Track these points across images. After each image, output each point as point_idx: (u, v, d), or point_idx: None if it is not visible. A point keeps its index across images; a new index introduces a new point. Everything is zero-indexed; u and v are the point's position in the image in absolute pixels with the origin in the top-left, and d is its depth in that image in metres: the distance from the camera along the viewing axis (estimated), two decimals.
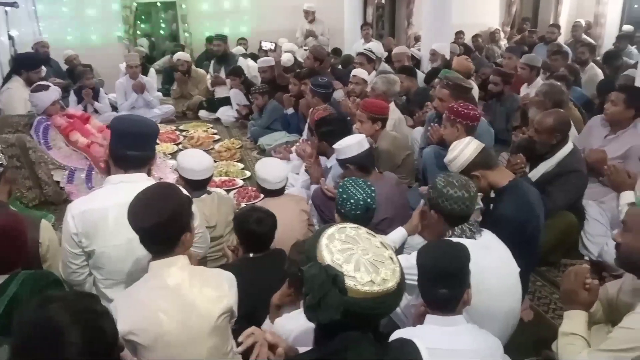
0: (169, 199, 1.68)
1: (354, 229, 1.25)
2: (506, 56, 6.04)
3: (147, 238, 1.68)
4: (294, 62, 6.68)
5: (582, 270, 1.89)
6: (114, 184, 1.99)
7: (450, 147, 2.61)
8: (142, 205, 1.65)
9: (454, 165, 2.52)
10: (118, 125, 2.05)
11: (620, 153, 3.39)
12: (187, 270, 1.73)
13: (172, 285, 1.67)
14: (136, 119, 2.17)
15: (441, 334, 1.71)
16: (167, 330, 1.63)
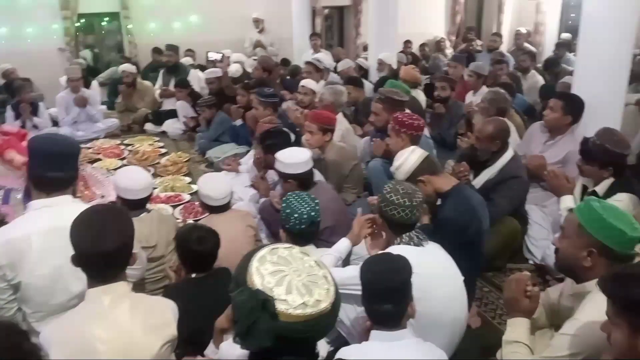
0: (125, 221, 1.61)
1: (287, 249, 1.21)
2: (452, 65, 6.16)
3: (103, 263, 1.55)
4: (242, 72, 6.61)
5: (522, 278, 1.91)
6: (37, 209, 1.86)
7: (396, 157, 2.64)
8: (100, 228, 1.54)
9: (400, 172, 2.57)
10: (36, 146, 1.91)
11: (559, 158, 3.49)
12: (128, 298, 1.63)
13: (110, 314, 1.56)
14: (55, 137, 2.05)
15: (386, 350, 1.70)
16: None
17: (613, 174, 2.85)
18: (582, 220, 1.74)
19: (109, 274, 1.59)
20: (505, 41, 9.82)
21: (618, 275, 1.38)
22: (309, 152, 3.00)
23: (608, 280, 1.39)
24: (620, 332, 1.34)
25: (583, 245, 1.73)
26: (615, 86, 3.56)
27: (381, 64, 6.21)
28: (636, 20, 3.48)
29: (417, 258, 2.08)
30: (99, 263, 1.55)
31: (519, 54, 7.15)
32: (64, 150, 1.93)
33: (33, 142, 1.95)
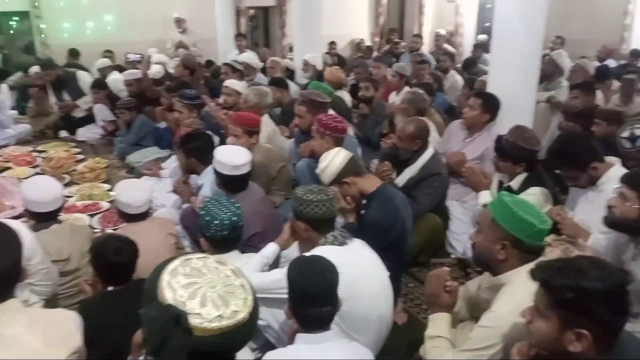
0: (10, 240, 1.52)
1: (201, 259, 1.15)
2: (375, 65, 6.27)
3: None
4: (164, 74, 6.40)
5: (441, 274, 1.96)
6: None
7: (320, 158, 2.64)
8: None
9: (325, 174, 2.57)
10: None
11: (477, 155, 3.63)
12: (23, 314, 1.51)
13: (8, 334, 1.45)
14: None
15: (311, 352, 1.69)
16: None
17: (526, 169, 3.00)
18: (495, 214, 1.80)
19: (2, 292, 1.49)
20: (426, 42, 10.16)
21: (559, 268, 1.37)
22: (249, 157, 2.94)
23: (545, 272, 1.39)
24: (547, 324, 1.37)
25: (496, 239, 1.79)
26: (527, 85, 3.76)
27: (306, 64, 6.22)
28: (544, 23, 3.68)
29: (342, 257, 2.08)
30: None
31: (439, 55, 7.41)
32: None
33: None
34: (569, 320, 1.32)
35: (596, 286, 1.28)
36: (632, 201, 1.98)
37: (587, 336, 1.29)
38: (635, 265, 2.06)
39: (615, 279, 1.30)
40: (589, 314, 1.29)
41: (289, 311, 1.78)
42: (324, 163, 2.59)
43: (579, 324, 1.30)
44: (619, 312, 1.30)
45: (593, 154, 2.68)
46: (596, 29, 8.42)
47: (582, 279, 1.30)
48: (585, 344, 1.30)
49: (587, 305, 1.29)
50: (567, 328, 1.32)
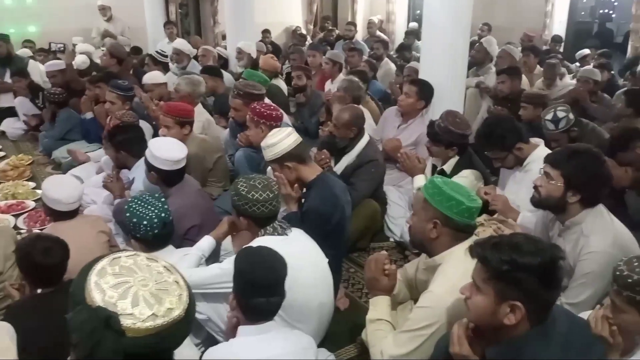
0: None
1: (131, 257, 1.10)
2: (310, 54, 6.26)
3: None
4: (90, 64, 6.10)
5: (379, 258, 2.00)
6: None
7: (270, 133, 2.58)
8: None
9: (270, 151, 2.50)
10: None
11: (412, 140, 3.73)
12: None
13: None
14: None
15: (255, 344, 1.68)
16: None
17: (458, 152, 3.12)
18: (427, 195, 1.86)
19: None
20: (360, 30, 10.24)
21: (495, 243, 1.43)
22: (182, 153, 2.83)
23: (482, 247, 1.44)
24: (484, 298, 1.42)
25: (428, 218, 1.85)
26: (457, 71, 3.87)
27: (240, 52, 6.12)
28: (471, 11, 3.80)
29: (282, 247, 2.07)
30: None
31: (372, 42, 7.49)
32: None
33: None
34: (504, 293, 1.38)
35: (529, 260, 1.35)
36: (557, 179, 2.08)
37: (521, 308, 1.36)
38: (561, 241, 2.18)
39: (547, 253, 1.37)
40: (522, 287, 1.35)
41: (233, 302, 1.76)
42: (272, 139, 2.50)
43: (513, 296, 1.36)
44: (550, 286, 1.37)
45: (518, 135, 2.81)
46: (520, 16, 8.80)
47: (516, 253, 1.36)
48: (519, 316, 1.36)
49: (521, 278, 1.35)
50: (502, 301, 1.38)
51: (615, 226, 2.12)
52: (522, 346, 1.39)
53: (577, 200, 2.08)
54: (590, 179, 2.06)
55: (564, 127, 3.26)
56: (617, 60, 7.34)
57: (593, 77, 4.71)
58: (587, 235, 2.06)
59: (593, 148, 2.21)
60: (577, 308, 2.00)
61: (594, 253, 2.02)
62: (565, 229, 2.16)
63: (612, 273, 1.60)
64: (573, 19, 9.02)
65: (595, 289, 2.04)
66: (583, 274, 2.04)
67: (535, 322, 1.39)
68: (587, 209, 2.09)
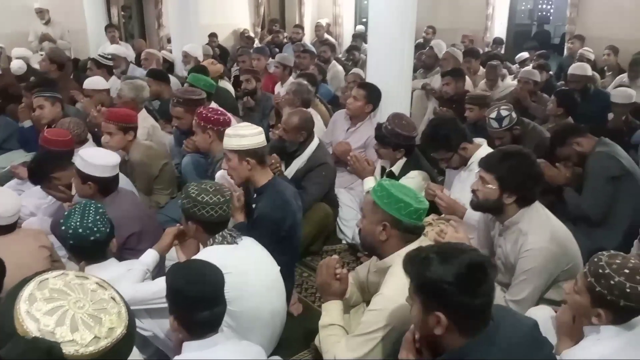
0: None
1: (59, 277, 1.04)
2: (255, 57, 6.21)
3: None
4: (27, 69, 5.82)
5: (331, 262, 2.00)
6: None
7: (242, 124, 2.56)
8: None
9: (237, 140, 2.43)
10: None
11: (361, 143, 3.76)
12: None
13: None
14: None
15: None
16: None
17: (405, 154, 3.17)
18: (375, 197, 1.88)
19: None
20: (308, 33, 10.27)
21: (413, 257, 1.46)
22: (118, 158, 2.73)
23: (406, 261, 1.48)
24: (415, 309, 1.45)
25: (378, 221, 1.86)
26: (403, 74, 3.92)
27: (186, 56, 6.00)
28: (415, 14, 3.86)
29: (230, 257, 2.06)
30: None
31: (320, 45, 7.52)
32: None
33: None
34: (427, 304, 1.40)
35: (441, 272, 1.36)
36: (491, 183, 2.14)
37: (443, 319, 1.37)
38: (502, 240, 2.25)
39: (461, 264, 1.37)
40: (440, 298, 1.37)
41: (174, 323, 1.68)
42: (243, 130, 2.45)
43: (435, 307, 1.38)
44: (470, 295, 1.35)
45: (461, 135, 2.89)
46: (462, 19, 9.07)
47: (424, 267, 1.39)
48: (444, 326, 1.37)
49: (436, 290, 1.37)
50: (427, 312, 1.40)
51: (552, 222, 2.20)
52: (464, 355, 1.39)
53: (513, 201, 2.14)
54: (523, 179, 2.12)
55: (507, 125, 3.37)
56: (555, 61, 7.67)
57: (533, 78, 4.89)
58: (526, 233, 2.12)
59: (523, 149, 2.29)
60: (521, 305, 2.06)
61: (532, 250, 2.08)
62: (505, 229, 2.23)
63: (590, 258, 1.65)
64: (513, 21, 9.36)
65: (536, 285, 2.11)
66: (523, 271, 2.10)
67: (469, 330, 1.39)
68: (524, 208, 2.16)
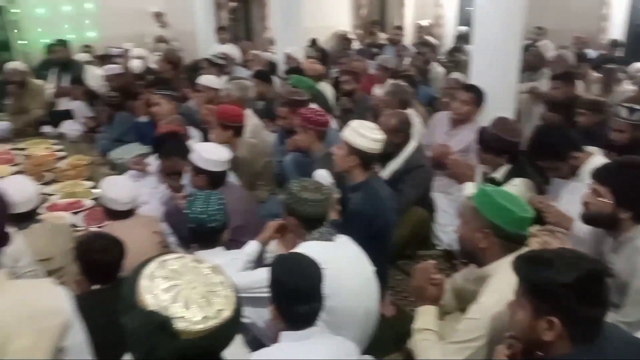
0: None
1: (178, 259, 1.13)
2: (357, 58, 6.26)
3: None
4: (144, 69, 6.32)
5: (427, 267, 1.98)
6: None
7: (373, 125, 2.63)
8: None
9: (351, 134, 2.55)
10: None
11: (462, 147, 3.66)
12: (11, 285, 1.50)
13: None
14: None
15: (296, 350, 1.68)
16: None
17: (509, 160, 3.03)
18: (477, 203, 1.83)
19: None
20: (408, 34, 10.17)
21: (529, 257, 1.42)
22: (229, 154, 2.93)
23: (519, 262, 1.43)
24: (524, 313, 1.40)
25: (478, 227, 1.82)
26: (508, 76, 3.79)
27: (289, 58, 6.19)
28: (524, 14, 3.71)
29: (327, 253, 2.09)
30: None
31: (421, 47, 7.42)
32: None
33: None
34: (540, 308, 1.35)
35: (563, 275, 1.31)
36: (605, 196, 1.98)
37: (557, 324, 1.32)
38: (614, 257, 2.08)
39: (585, 269, 1.32)
40: (557, 303, 1.32)
41: (273, 311, 1.77)
42: (365, 131, 2.55)
43: (549, 311, 1.33)
44: (590, 303, 1.32)
45: (571, 143, 2.70)
46: (573, 20, 8.52)
47: (549, 268, 1.34)
48: (557, 332, 1.32)
49: (555, 293, 1.32)
50: (538, 316, 1.35)
51: None
52: None
53: (629, 217, 1.97)
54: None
55: (638, 120, 3.15)
56: None
57: None
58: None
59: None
60: (632, 328, 1.91)
61: None
62: (619, 245, 2.06)
63: None
64: (634, 21, 8.65)
65: None
66: (637, 291, 1.95)
67: (579, 340, 1.34)
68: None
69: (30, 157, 5.14)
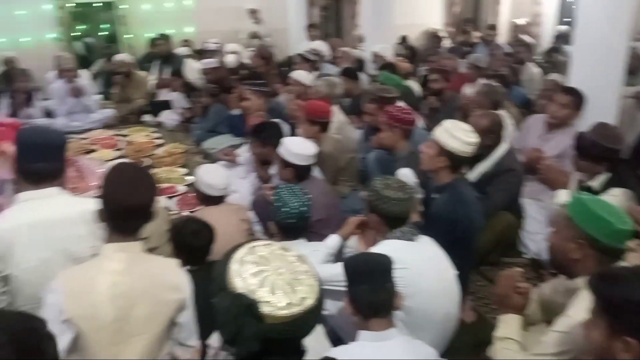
0: (152, 178, 1.70)
1: (266, 246, 1.18)
2: (447, 56, 6.12)
3: (133, 216, 1.62)
4: (239, 63, 6.56)
5: (513, 274, 1.92)
6: (24, 202, 1.84)
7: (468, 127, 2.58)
8: (135, 182, 1.61)
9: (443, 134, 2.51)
10: (23, 137, 1.89)
11: (556, 152, 3.48)
12: (143, 257, 1.67)
13: (125, 271, 1.59)
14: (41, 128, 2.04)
15: (374, 350, 1.69)
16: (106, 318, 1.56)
17: (608, 169, 2.85)
18: (571, 212, 1.75)
19: (132, 229, 1.64)
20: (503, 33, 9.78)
21: (605, 274, 1.37)
22: (315, 148, 3.00)
23: (594, 278, 1.38)
24: (599, 332, 1.34)
25: (571, 238, 1.74)
26: (612, 79, 3.54)
27: (376, 56, 6.17)
28: (631, 13, 3.46)
29: (407, 252, 2.09)
30: (128, 217, 1.61)
31: (515, 46, 7.12)
32: (50, 142, 1.91)
33: (20, 133, 1.94)
34: (615, 327, 1.29)
35: (636, 294, 1.25)
36: None
37: (634, 345, 1.25)
38: None
39: None
40: (632, 322, 1.26)
41: (348, 307, 1.78)
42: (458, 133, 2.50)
43: (625, 331, 1.27)
44: None
45: None
46: None
47: (624, 285, 1.28)
48: (633, 353, 1.25)
49: (629, 312, 1.26)
50: (614, 336, 1.29)
51: None
52: None
53: None
54: None
55: None
56: None
57: None
58: None
59: None
60: None
61: None
62: None
63: None
64: None
65: None
66: None
67: None
68: None
69: (131, 143, 5.54)
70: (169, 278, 1.68)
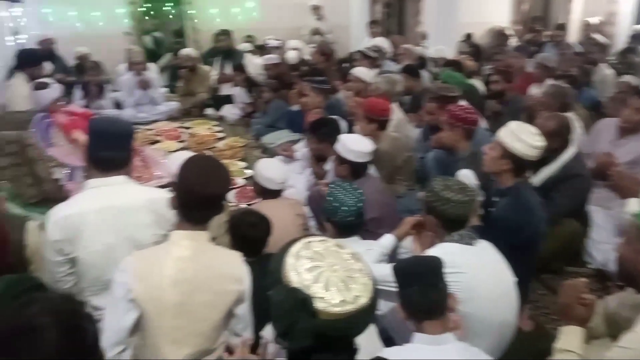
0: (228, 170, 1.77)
1: (321, 242, 1.18)
2: (513, 55, 5.92)
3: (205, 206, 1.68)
4: (300, 60, 6.61)
5: (578, 285, 1.83)
6: (93, 188, 1.94)
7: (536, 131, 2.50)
8: (212, 172, 1.67)
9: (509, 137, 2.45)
10: (94, 126, 1.99)
11: (630, 158, 3.31)
12: (209, 247, 1.73)
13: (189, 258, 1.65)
14: (112, 119, 2.14)
15: (429, 353, 1.65)
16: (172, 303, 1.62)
17: None
18: None
19: (202, 218, 1.70)
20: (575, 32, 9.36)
21: None
22: (372, 145, 2.99)
23: None
24: None
25: None
26: None
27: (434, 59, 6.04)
28: None
29: (465, 257, 2.04)
30: (201, 207, 1.67)
31: (588, 46, 6.79)
32: (119, 131, 2.00)
33: (92, 123, 2.04)
34: None
35: None
36: None
37: None
38: None
39: None
40: None
41: (400, 311, 1.75)
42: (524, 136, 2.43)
43: None
44: None
45: None
46: None
47: None
48: None
49: None
50: None
51: None
52: None
53: None
54: None
55: None
56: None
57: None
58: None
59: None
60: None
61: None
62: None
63: None
64: None
65: None
66: None
67: None
68: None
69: (194, 136, 5.71)
70: (231, 269, 1.72)
